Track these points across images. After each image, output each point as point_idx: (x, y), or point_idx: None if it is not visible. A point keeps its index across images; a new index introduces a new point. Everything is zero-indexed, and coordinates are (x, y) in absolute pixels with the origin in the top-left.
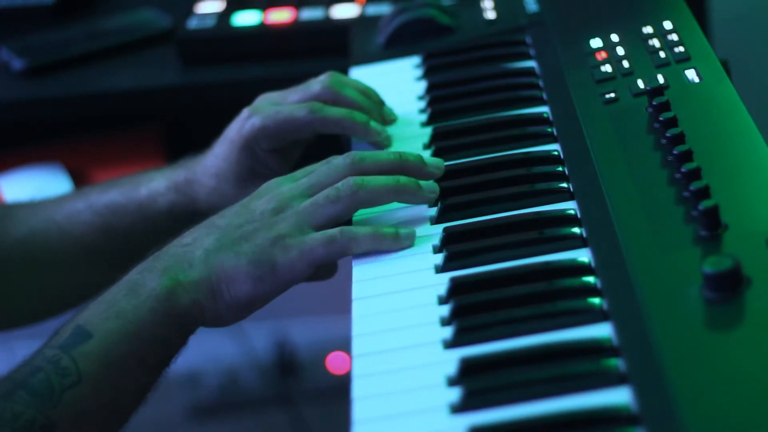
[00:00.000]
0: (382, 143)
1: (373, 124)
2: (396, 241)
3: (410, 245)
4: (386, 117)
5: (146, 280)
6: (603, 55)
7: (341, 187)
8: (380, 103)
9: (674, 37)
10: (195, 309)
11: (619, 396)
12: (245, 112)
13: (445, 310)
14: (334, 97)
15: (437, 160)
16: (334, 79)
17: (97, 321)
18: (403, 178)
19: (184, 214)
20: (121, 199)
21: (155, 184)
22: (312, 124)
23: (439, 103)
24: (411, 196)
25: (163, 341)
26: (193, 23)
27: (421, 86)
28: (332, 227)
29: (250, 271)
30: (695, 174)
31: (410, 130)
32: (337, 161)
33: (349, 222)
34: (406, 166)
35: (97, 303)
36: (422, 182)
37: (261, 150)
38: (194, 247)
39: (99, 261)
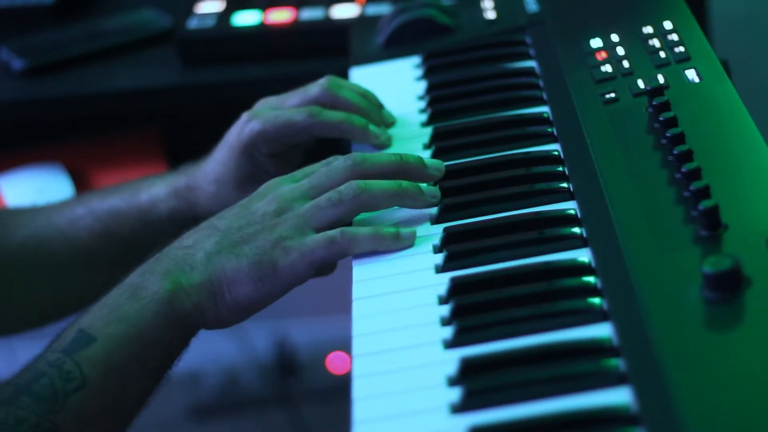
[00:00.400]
0: (381, 146)
1: (372, 127)
2: (396, 241)
3: (411, 245)
4: (385, 120)
5: (148, 284)
6: (603, 55)
7: (344, 191)
8: (379, 106)
9: (674, 37)
10: (196, 312)
11: (619, 396)
12: (244, 116)
13: (445, 310)
14: (333, 101)
15: (437, 162)
16: (332, 82)
17: (99, 325)
18: (405, 183)
19: (184, 220)
20: (121, 204)
21: (156, 190)
22: (311, 128)
23: (439, 103)
24: (413, 201)
25: (165, 344)
26: (193, 23)
27: (421, 86)
28: (332, 228)
29: (251, 273)
30: (695, 174)
31: (410, 130)
32: (338, 163)
33: (349, 223)
34: (406, 168)
35: (99, 306)
36: (424, 186)
37: (261, 154)
38: (195, 250)
39: (100, 266)
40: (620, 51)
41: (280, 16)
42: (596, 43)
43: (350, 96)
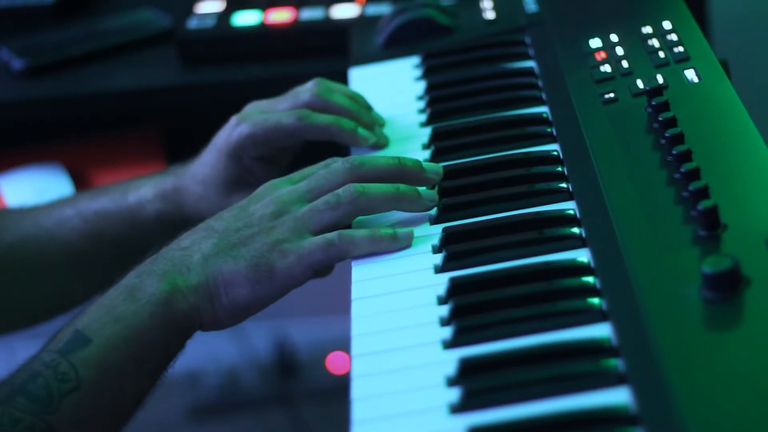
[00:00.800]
0: (373, 147)
1: (361, 130)
2: (394, 242)
3: (408, 245)
4: (375, 121)
5: (145, 285)
6: (602, 55)
7: (342, 194)
8: (368, 108)
9: (673, 37)
10: (193, 314)
11: (618, 396)
12: (233, 120)
13: (444, 310)
14: (323, 105)
15: (436, 166)
16: (321, 86)
17: (96, 326)
18: (403, 186)
19: (171, 222)
20: (109, 205)
21: (143, 192)
22: (300, 131)
23: (439, 103)
24: (410, 204)
25: (161, 346)
26: (193, 23)
27: (421, 86)
28: (330, 231)
29: (249, 276)
30: (694, 174)
31: (409, 131)
32: (336, 165)
33: (347, 225)
34: (405, 172)
35: (96, 307)
36: (422, 190)
37: (248, 158)
38: (192, 251)
39: (89, 267)
40: (619, 51)
41: (280, 16)
42: (595, 43)
43: (340, 100)
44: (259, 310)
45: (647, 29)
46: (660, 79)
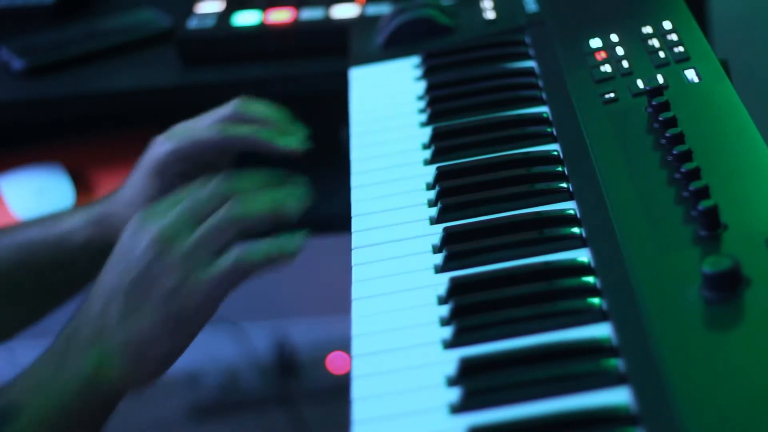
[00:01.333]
0: (292, 154)
1: (282, 138)
2: (288, 253)
3: (303, 245)
4: (296, 130)
5: (73, 355)
6: (602, 55)
7: (221, 221)
8: (289, 118)
9: (674, 37)
10: (121, 380)
11: (619, 396)
12: (158, 139)
13: (444, 310)
14: (243, 117)
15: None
16: (241, 101)
17: (25, 398)
18: (279, 198)
19: (101, 249)
20: (40, 234)
21: (73, 220)
22: (221, 143)
23: (439, 103)
24: (291, 211)
25: (90, 419)
26: (193, 23)
27: (421, 86)
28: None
29: (165, 327)
30: (695, 174)
31: (410, 131)
32: (213, 185)
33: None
34: (273, 181)
35: (25, 377)
36: (297, 192)
37: (173, 175)
38: (108, 317)
39: (20, 297)
40: (620, 51)
41: (280, 16)
42: (596, 43)
43: (259, 110)
44: (183, 351)
45: (647, 29)
46: (660, 79)
